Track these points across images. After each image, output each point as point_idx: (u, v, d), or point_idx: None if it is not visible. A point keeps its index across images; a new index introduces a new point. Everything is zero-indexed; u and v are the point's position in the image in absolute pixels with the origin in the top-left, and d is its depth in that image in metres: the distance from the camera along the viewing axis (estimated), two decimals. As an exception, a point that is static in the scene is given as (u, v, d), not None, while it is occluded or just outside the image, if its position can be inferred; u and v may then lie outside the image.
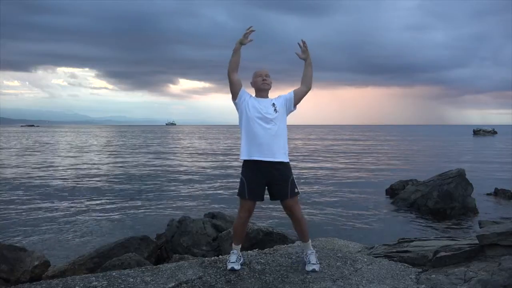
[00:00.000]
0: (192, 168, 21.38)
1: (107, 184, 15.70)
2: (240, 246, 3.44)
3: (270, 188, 3.31)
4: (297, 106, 3.46)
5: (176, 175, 18.44)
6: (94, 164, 23.40)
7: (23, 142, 48.41)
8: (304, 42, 3.38)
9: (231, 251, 3.43)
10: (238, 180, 3.39)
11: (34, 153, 31.12)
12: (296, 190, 3.31)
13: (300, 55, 3.41)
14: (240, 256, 3.43)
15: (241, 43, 3.32)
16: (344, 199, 12.63)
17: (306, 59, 3.40)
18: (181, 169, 21.21)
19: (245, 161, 3.32)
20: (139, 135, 78.73)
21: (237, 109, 3.39)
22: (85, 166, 22.18)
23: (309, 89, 3.43)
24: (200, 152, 34.25)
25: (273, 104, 3.30)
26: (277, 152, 3.24)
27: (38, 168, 20.96)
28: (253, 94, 3.42)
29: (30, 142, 48.44)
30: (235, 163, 23.81)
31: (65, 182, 15.97)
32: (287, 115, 3.40)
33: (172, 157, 28.68)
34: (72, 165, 22.64)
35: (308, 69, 3.40)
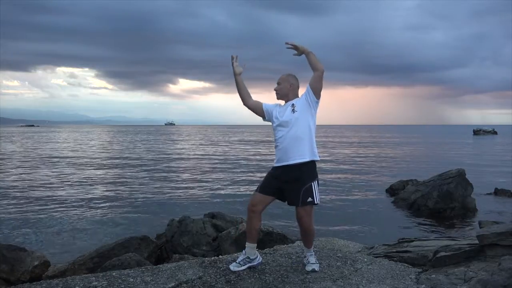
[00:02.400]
0: (192, 169, 21.38)
1: (107, 184, 15.69)
2: (252, 244, 3.29)
3: (284, 192, 3.23)
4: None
5: (176, 175, 18.44)
6: (94, 164, 23.40)
7: (26, 143, 48.40)
8: (287, 43, 3.24)
9: (244, 249, 3.37)
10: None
11: (35, 154, 31.10)
12: (309, 199, 3.15)
13: (296, 54, 3.29)
14: (250, 258, 3.30)
15: (235, 73, 3.37)
16: (344, 199, 12.62)
17: (303, 52, 3.23)
18: (181, 169, 21.20)
19: (272, 167, 3.34)
20: (139, 136, 78.71)
21: None
22: (85, 166, 22.17)
23: (321, 71, 3.20)
24: (199, 152, 34.25)
25: (292, 105, 3.25)
26: (300, 154, 3.18)
27: (39, 168, 20.95)
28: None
29: (32, 143, 48.42)
30: (235, 164, 23.82)
31: (65, 183, 15.96)
32: (314, 109, 3.26)
33: (171, 157, 28.68)
34: (71, 165, 22.63)
35: (310, 58, 3.21)
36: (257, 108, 3.40)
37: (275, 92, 3.38)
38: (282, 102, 3.41)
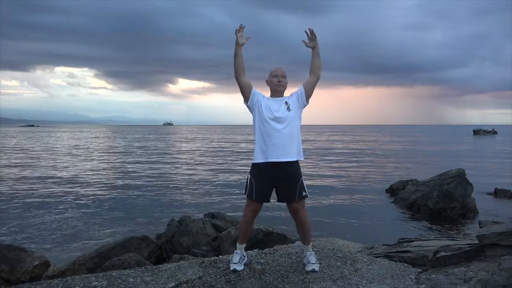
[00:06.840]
0: (192, 169, 21.37)
1: (107, 184, 15.69)
2: (244, 245, 3.40)
3: (278, 189, 3.24)
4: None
5: (176, 176, 18.44)
6: (94, 165, 23.40)
7: (28, 142, 48.41)
8: (311, 30, 3.24)
9: (235, 251, 3.41)
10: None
11: (35, 154, 31.11)
12: (304, 194, 3.25)
13: (307, 43, 3.28)
14: (244, 256, 3.40)
15: (238, 43, 3.22)
16: (344, 199, 12.63)
17: (314, 47, 3.25)
18: (181, 169, 21.20)
19: (257, 162, 3.23)
20: (138, 136, 78.74)
21: (250, 111, 3.31)
22: (85, 166, 22.17)
23: (318, 78, 3.29)
24: (199, 152, 34.24)
25: (286, 103, 3.23)
26: (291, 152, 3.19)
27: (39, 169, 20.96)
28: (268, 93, 3.34)
29: (34, 143, 48.44)
30: (234, 164, 23.81)
31: (65, 183, 15.96)
32: (301, 110, 3.31)
33: (170, 157, 28.68)
34: (72, 166, 22.64)
35: (316, 59, 3.26)
36: (246, 89, 3.27)
37: (279, 84, 3.26)
38: (268, 95, 3.34)
